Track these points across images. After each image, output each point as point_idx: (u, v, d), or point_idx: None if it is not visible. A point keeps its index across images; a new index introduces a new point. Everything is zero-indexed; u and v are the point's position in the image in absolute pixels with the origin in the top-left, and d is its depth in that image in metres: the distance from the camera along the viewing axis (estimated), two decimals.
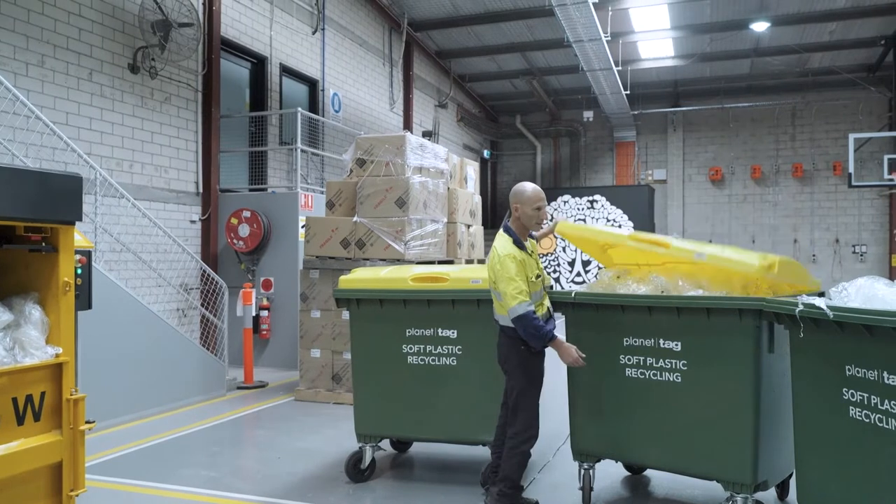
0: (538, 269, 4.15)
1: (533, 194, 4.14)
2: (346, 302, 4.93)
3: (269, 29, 11.31)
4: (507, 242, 4.08)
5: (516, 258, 3.97)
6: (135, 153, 8.64)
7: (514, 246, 4.05)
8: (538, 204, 4.13)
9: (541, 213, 4.14)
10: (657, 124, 20.35)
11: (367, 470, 4.90)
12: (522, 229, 4.17)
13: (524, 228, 4.17)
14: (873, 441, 3.01)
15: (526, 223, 4.15)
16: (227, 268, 9.73)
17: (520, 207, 4.14)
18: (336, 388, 7.43)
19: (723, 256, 3.90)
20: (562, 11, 11.92)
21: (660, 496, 4.64)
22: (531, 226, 4.17)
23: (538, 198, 4.15)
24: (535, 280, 4.08)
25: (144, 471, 5.14)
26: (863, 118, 18.30)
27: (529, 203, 4.12)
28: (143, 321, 6.76)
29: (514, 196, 4.20)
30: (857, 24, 15.00)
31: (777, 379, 3.81)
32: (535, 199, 4.13)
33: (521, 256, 4.01)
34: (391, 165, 7.71)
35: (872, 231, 18.55)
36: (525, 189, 4.18)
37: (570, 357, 3.92)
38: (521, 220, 4.14)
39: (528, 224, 4.15)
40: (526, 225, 4.16)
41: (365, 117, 14.35)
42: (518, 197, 4.17)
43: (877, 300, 3.07)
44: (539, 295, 4.09)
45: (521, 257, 4.01)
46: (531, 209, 4.11)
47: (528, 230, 4.20)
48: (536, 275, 4.10)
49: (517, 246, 4.06)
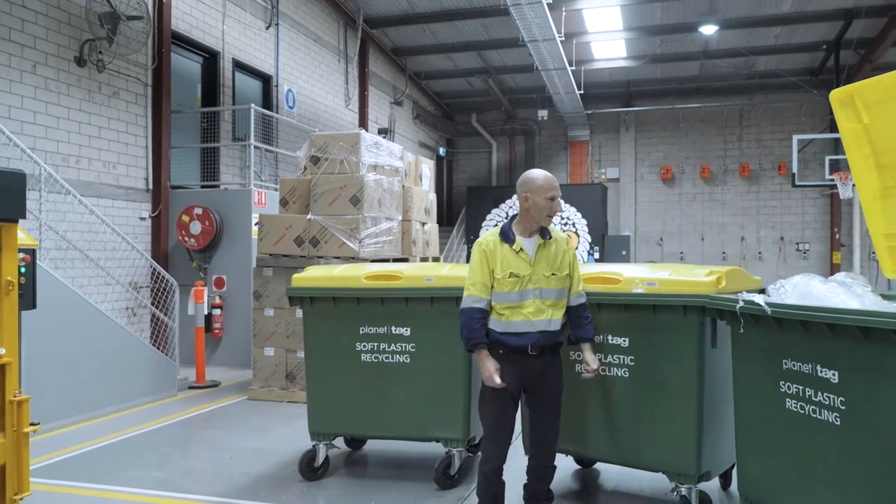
0: (528, 270, 3.61)
1: (545, 182, 3.65)
2: (299, 300, 4.91)
3: (221, 23, 11.14)
4: (490, 232, 3.75)
5: (487, 249, 3.63)
6: (82, 148, 8.43)
7: (494, 235, 3.68)
8: (551, 193, 3.63)
9: (554, 205, 3.64)
10: (610, 124, 20.68)
11: (320, 468, 4.89)
12: (530, 222, 3.68)
13: (532, 222, 3.67)
14: (807, 431, 3.14)
15: (536, 216, 3.64)
16: (178, 266, 9.57)
17: (530, 197, 3.63)
18: (290, 386, 7.39)
19: (674, 280, 3.95)
20: (516, 11, 12.03)
21: (609, 488, 4.75)
22: (542, 219, 3.65)
23: (550, 186, 3.64)
24: (508, 278, 3.58)
25: (91, 473, 5.04)
26: (806, 120, 18.91)
27: (541, 192, 3.62)
28: (91, 320, 6.61)
29: (522, 185, 3.69)
30: (801, 29, 15.50)
31: (719, 373, 3.94)
32: (548, 188, 3.63)
33: (494, 247, 3.62)
34: (346, 163, 7.69)
35: (815, 229, 19.19)
36: (535, 177, 3.68)
37: (485, 373, 3.54)
38: (530, 211, 3.64)
39: (538, 217, 3.64)
40: (536, 218, 3.65)
41: (320, 114, 14.25)
42: (527, 185, 3.67)
43: (812, 297, 3.20)
44: (516, 297, 3.59)
45: (496, 249, 3.62)
46: (543, 199, 3.62)
47: (537, 223, 3.68)
48: (511, 273, 3.58)
49: (501, 238, 3.65)
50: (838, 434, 2.98)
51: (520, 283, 3.59)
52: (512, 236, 3.65)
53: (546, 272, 3.64)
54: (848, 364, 2.94)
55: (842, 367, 2.96)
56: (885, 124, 4.12)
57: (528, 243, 3.66)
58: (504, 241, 3.65)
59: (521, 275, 3.59)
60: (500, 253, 3.62)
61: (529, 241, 3.67)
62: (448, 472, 4.65)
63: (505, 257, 3.61)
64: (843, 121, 4.36)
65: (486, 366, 3.54)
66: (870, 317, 2.79)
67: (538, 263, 3.64)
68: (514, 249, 3.62)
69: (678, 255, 20.00)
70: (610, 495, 4.65)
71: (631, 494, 4.61)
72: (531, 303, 3.60)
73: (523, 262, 3.62)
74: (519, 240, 3.65)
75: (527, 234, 3.68)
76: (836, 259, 18.71)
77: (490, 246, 3.63)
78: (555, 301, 3.68)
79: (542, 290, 3.64)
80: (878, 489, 2.81)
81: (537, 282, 3.63)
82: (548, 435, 3.77)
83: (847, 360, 2.94)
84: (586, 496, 4.64)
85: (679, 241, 20.14)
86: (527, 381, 3.67)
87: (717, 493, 4.48)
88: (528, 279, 3.60)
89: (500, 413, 3.63)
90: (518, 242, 3.64)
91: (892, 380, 2.74)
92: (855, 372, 2.91)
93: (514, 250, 3.62)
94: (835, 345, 2.97)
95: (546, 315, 3.64)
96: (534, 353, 3.61)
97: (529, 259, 3.63)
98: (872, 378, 2.83)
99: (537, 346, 3.61)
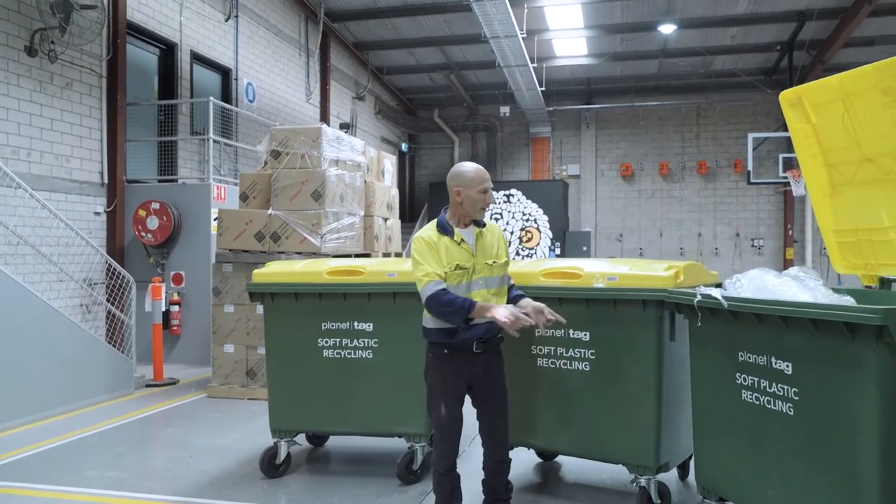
0: (471, 261, 3.54)
1: (476, 175, 3.55)
2: (260, 296, 4.85)
3: (178, 14, 10.92)
4: (426, 227, 3.64)
5: (430, 241, 3.50)
6: (33, 141, 8.19)
7: (432, 229, 3.57)
8: (483, 185, 3.54)
9: (487, 197, 3.55)
10: (571, 121, 20.88)
11: (282, 465, 4.85)
12: (463, 216, 3.59)
13: (465, 216, 3.58)
14: (762, 421, 3.22)
15: (470, 209, 3.55)
16: (134, 262, 9.37)
17: (462, 191, 3.53)
18: (251, 383, 7.30)
19: (633, 274, 4.01)
20: (478, 7, 12.06)
21: (570, 481, 4.81)
22: (475, 213, 3.56)
23: (482, 178, 3.55)
24: (455, 271, 3.48)
25: (45, 474, 4.92)
26: (761, 119, 19.35)
27: (473, 185, 3.53)
28: (43, 318, 6.43)
29: (453, 178, 3.59)
30: (756, 30, 15.85)
31: (677, 366, 4.02)
32: (480, 181, 3.54)
33: (440, 241, 3.51)
34: (307, 157, 7.62)
35: (769, 226, 19.66)
36: (466, 170, 3.59)
37: (506, 317, 3.30)
38: (463, 205, 3.54)
39: (471, 210, 3.55)
40: (469, 211, 3.55)
41: (280, 108, 14.08)
42: (459, 179, 3.56)
43: (766, 290, 3.28)
44: (464, 290, 3.51)
45: (442, 242, 3.51)
46: (476, 192, 3.52)
47: (470, 217, 3.59)
48: (458, 265, 3.49)
49: (440, 230, 3.55)
50: (792, 423, 3.06)
51: (466, 274, 3.51)
52: (450, 228, 3.56)
53: (488, 261, 3.59)
54: (801, 355, 3.02)
55: (795, 359, 3.04)
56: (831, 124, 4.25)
57: (466, 234, 3.58)
58: (443, 233, 3.54)
59: (466, 266, 3.51)
60: (443, 246, 3.51)
61: (467, 232, 3.59)
62: (411, 468, 4.65)
63: (448, 250, 3.50)
64: (793, 121, 4.49)
65: (498, 313, 3.31)
66: (821, 310, 2.87)
67: (479, 253, 3.59)
68: (456, 241, 3.53)
69: (637, 250, 20.30)
70: (571, 487, 4.70)
71: (592, 486, 4.67)
72: (478, 293, 3.53)
73: (466, 253, 3.54)
74: (458, 231, 3.57)
75: (462, 226, 3.60)
76: (790, 254, 19.21)
77: (433, 238, 3.51)
78: (498, 289, 3.64)
79: (486, 280, 3.58)
80: (829, 474, 2.90)
81: (481, 271, 3.57)
82: (499, 430, 3.72)
83: (800, 352, 3.02)
84: (548, 489, 4.68)
85: (638, 236, 20.45)
86: (472, 379, 3.61)
87: (676, 484, 4.57)
88: (473, 270, 3.54)
89: (448, 412, 3.57)
90: (458, 233, 3.55)
91: (842, 370, 2.82)
92: (807, 363, 2.99)
93: (455, 242, 3.53)
94: (788, 337, 3.05)
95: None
96: (479, 350, 3.53)
97: (471, 249, 3.56)
98: (824, 369, 2.91)
99: (484, 340, 3.54)
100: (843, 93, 4.03)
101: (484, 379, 3.63)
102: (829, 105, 4.18)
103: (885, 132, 3.87)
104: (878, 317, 2.59)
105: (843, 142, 4.21)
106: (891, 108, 3.75)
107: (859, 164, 4.19)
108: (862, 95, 3.91)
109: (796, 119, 4.47)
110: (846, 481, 2.81)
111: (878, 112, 3.84)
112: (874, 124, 3.93)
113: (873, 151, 4.05)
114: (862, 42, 15.78)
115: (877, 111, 3.84)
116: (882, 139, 3.94)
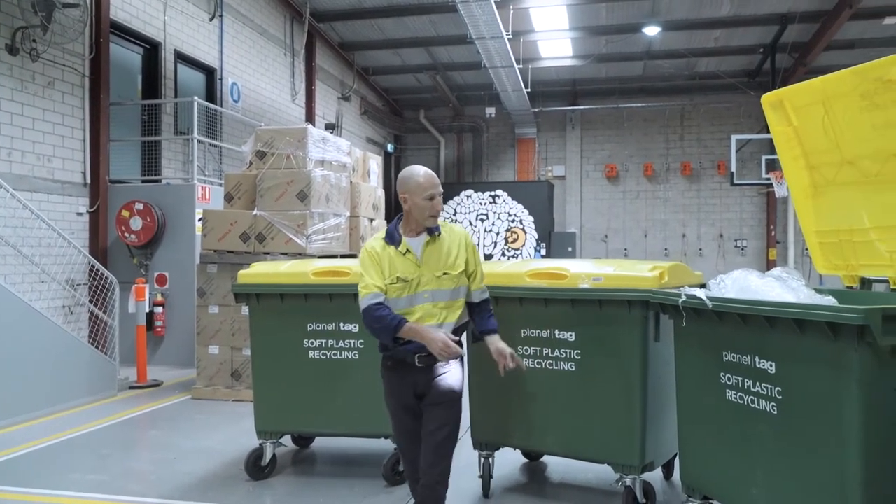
0: (416, 272, 3.31)
1: (424, 181, 3.33)
2: (245, 297, 4.83)
3: (162, 13, 10.85)
4: (376, 235, 3.46)
5: (373, 252, 3.34)
6: (14, 140, 8.10)
7: (378, 239, 3.39)
8: (430, 192, 3.32)
9: (434, 204, 3.33)
10: (556, 122, 20.94)
11: (267, 467, 4.83)
12: (413, 224, 3.38)
13: (415, 223, 3.38)
14: (746, 421, 3.25)
15: (418, 216, 3.34)
16: (118, 262, 9.29)
17: (409, 198, 3.33)
18: (236, 385, 7.26)
19: (618, 275, 4.02)
20: (464, 8, 12.07)
21: (556, 481, 4.83)
22: (424, 219, 3.35)
23: (430, 184, 3.33)
24: (395, 284, 3.27)
25: (27, 477, 4.87)
26: (744, 121, 19.51)
27: (420, 192, 3.32)
28: (24, 319, 6.36)
29: (400, 184, 3.37)
30: (739, 32, 15.98)
31: (662, 366, 4.04)
32: (427, 187, 3.32)
33: (382, 251, 3.33)
34: (292, 158, 7.60)
35: (752, 227, 19.83)
36: (413, 175, 3.36)
37: (437, 345, 3.14)
38: (411, 212, 3.35)
39: (420, 217, 3.34)
40: (418, 218, 3.35)
41: (265, 108, 14.02)
42: (405, 185, 3.35)
43: (750, 291, 3.31)
44: (405, 303, 3.29)
45: (383, 252, 3.33)
46: (422, 199, 3.31)
47: (420, 224, 3.37)
48: (398, 277, 3.28)
49: (387, 240, 3.36)
50: (775, 422, 3.09)
51: (408, 287, 3.29)
52: (398, 237, 3.36)
53: (437, 272, 3.33)
54: (784, 355, 3.05)
55: (778, 358, 3.07)
56: (812, 127, 4.30)
57: (415, 243, 3.36)
58: (389, 243, 3.35)
59: (408, 279, 3.29)
60: (386, 257, 3.32)
61: (416, 241, 3.36)
62: (397, 469, 4.64)
63: (392, 261, 3.31)
64: (775, 123, 4.54)
65: (430, 337, 3.15)
66: (804, 310, 2.90)
67: (427, 263, 3.33)
68: (401, 251, 3.32)
69: (622, 251, 20.40)
70: (557, 487, 4.72)
71: (577, 486, 4.69)
72: (420, 307, 3.29)
73: (410, 264, 3.31)
74: (406, 240, 3.35)
75: (413, 234, 3.38)
76: (772, 255, 19.38)
77: (377, 249, 3.34)
78: (448, 302, 3.36)
79: (433, 293, 3.32)
80: (813, 472, 2.93)
81: (427, 283, 3.31)
82: (431, 445, 3.27)
83: (783, 352, 3.05)
84: (534, 489, 4.70)
85: (623, 237, 20.55)
86: (419, 388, 3.33)
87: (660, 483, 4.60)
88: (417, 282, 3.30)
89: (401, 427, 3.40)
90: (404, 243, 3.34)
91: (824, 370, 2.85)
92: (791, 363, 3.02)
93: (400, 252, 3.32)
94: (772, 337, 3.08)
95: (437, 319, 3.31)
96: (421, 363, 3.28)
97: (417, 260, 3.32)
98: (807, 368, 2.94)
99: (426, 355, 3.25)
100: (824, 96, 4.08)
101: (431, 391, 3.32)
102: (810, 108, 4.23)
103: (864, 135, 3.92)
104: (860, 317, 2.63)
105: (824, 144, 4.25)
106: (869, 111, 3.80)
107: (840, 166, 4.24)
108: (841, 98, 3.95)
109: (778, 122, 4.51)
110: (829, 479, 2.85)
111: (857, 115, 3.89)
112: (853, 127, 3.98)
113: (853, 154, 4.09)
114: (843, 45, 15.96)
115: (855, 114, 3.89)
116: (861, 142, 3.99)
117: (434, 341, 3.15)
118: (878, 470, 2.72)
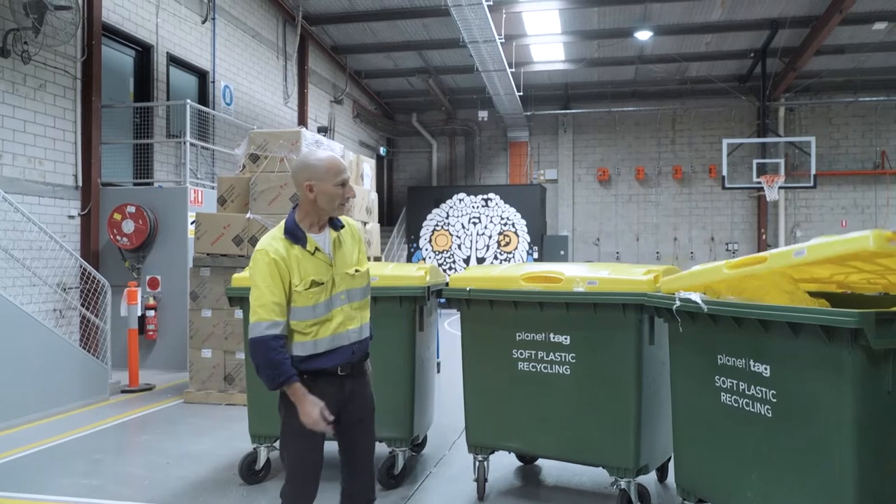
0: (329, 272, 2.92)
1: (331, 165, 2.90)
2: (239, 301, 4.80)
3: (155, 16, 10.82)
4: (271, 234, 2.95)
5: (273, 258, 2.82)
6: (5, 143, 8.05)
7: (278, 239, 2.89)
8: (340, 178, 2.90)
9: (346, 190, 2.92)
10: (549, 125, 21.00)
11: (261, 471, 4.81)
12: (318, 214, 2.94)
13: (321, 213, 2.94)
14: (741, 423, 3.26)
15: (326, 206, 2.91)
16: (110, 266, 9.25)
17: (315, 185, 2.87)
18: (229, 388, 7.24)
19: (613, 279, 4.03)
20: (457, 12, 12.09)
21: (550, 484, 4.83)
22: (334, 208, 2.94)
23: (339, 169, 2.91)
24: (309, 289, 2.85)
25: (18, 482, 4.83)
26: (735, 125, 19.63)
27: (329, 177, 2.88)
28: (14, 322, 6.32)
29: (303, 170, 2.91)
30: (730, 37, 16.09)
31: (657, 369, 4.06)
32: (336, 171, 2.90)
33: (286, 253, 2.85)
34: (286, 161, 7.58)
35: (743, 230, 19.93)
36: (318, 160, 2.91)
37: (310, 417, 2.75)
38: (317, 202, 2.89)
39: (329, 207, 2.92)
40: (326, 208, 2.92)
41: (258, 111, 14.00)
42: (310, 172, 2.89)
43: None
44: (323, 309, 2.89)
45: (288, 255, 2.86)
46: (332, 185, 2.89)
47: (327, 214, 2.96)
48: (313, 281, 2.86)
49: (289, 238, 2.89)
50: (770, 425, 3.10)
51: (324, 291, 2.90)
52: (301, 234, 2.90)
53: (349, 270, 2.99)
54: (779, 358, 3.06)
55: (773, 362, 3.09)
56: None
57: (321, 239, 2.95)
58: (294, 242, 2.88)
59: (323, 281, 2.89)
60: (293, 259, 2.86)
61: (322, 237, 2.96)
62: (392, 472, 4.64)
63: (301, 263, 2.87)
64: None
65: (307, 409, 2.76)
66: (799, 313, 2.92)
67: (338, 262, 2.97)
68: (309, 251, 2.89)
69: (614, 254, 20.47)
70: (551, 490, 4.72)
71: (572, 489, 4.70)
72: (339, 311, 2.93)
73: (323, 264, 2.91)
74: (311, 237, 2.92)
75: (316, 230, 2.96)
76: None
77: (281, 252, 2.84)
78: (362, 303, 3.06)
79: (348, 293, 2.98)
80: (807, 475, 2.95)
81: (341, 283, 2.95)
82: (367, 464, 3.07)
83: (778, 355, 3.06)
84: (528, 492, 4.70)
85: (615, 240, 20.61)
86: (338, 406, 2.94)
87: (655, 486, 4.61)
88: (332, 283, 2.92)
89: (306, 450, 2.92)
90: (311, 241, 2.91)
91: (819, 373, 2.87)
92: (785, 366, 3.03)
93: (308, 252, 2.89)
94: (767, 340, 3.09)
95: (356, 322, 3.00)
96: (344, 372, 2.94)
97: (329, 258, 2.94)
98: (801, 371, 2.95)
99: (350, 364, 2.96)
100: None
101: (350, 404, 3.00)
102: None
103: None
104: (854, 319, 2.64)
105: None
106: None
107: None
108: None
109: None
110: (824, 482, 2.86)
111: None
112: None
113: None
114: (833, 50, 16.08)
115: None
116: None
117: (308, 415, 2.76)
118: (872, 472, 2.74)
